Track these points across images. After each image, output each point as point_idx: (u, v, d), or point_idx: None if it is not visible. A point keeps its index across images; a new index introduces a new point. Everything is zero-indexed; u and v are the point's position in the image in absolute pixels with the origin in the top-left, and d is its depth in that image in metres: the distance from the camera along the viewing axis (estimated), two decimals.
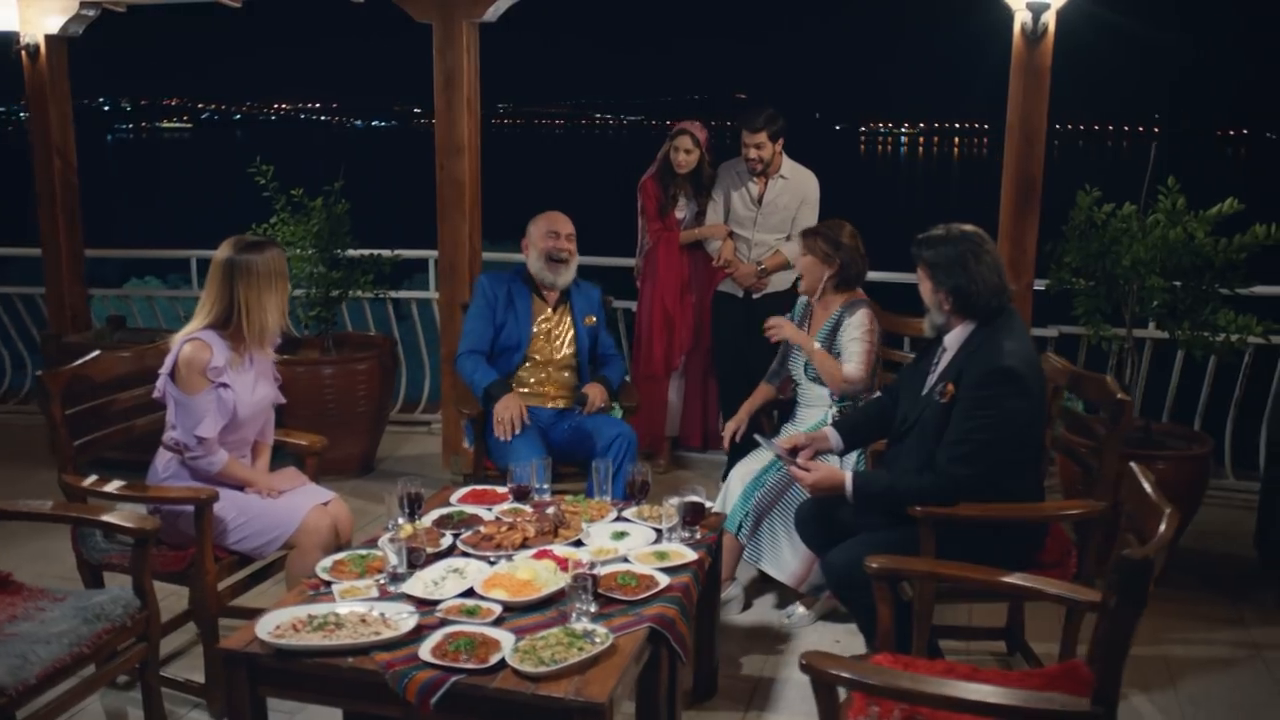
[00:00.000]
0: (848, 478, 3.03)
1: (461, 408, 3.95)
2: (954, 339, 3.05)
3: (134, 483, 3.17)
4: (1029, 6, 3.95)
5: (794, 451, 3.28)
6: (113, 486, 3.11)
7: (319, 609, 2.51)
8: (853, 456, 3.69)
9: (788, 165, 5.02)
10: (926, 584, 2.80)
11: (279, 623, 2.45)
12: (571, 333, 4.15)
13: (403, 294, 5.86)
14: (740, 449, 3.94)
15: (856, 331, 3.74)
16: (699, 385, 5.40)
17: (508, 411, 3.84)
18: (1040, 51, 4.06)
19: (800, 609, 3.76)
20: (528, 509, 3.18)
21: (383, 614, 2.49)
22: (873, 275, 4.92)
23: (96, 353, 3.36)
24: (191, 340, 3.16)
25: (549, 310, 4.13)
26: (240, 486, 3.23)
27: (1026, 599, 3.30)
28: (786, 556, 3.63)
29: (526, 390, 4.06)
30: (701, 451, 5.50)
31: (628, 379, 4.55)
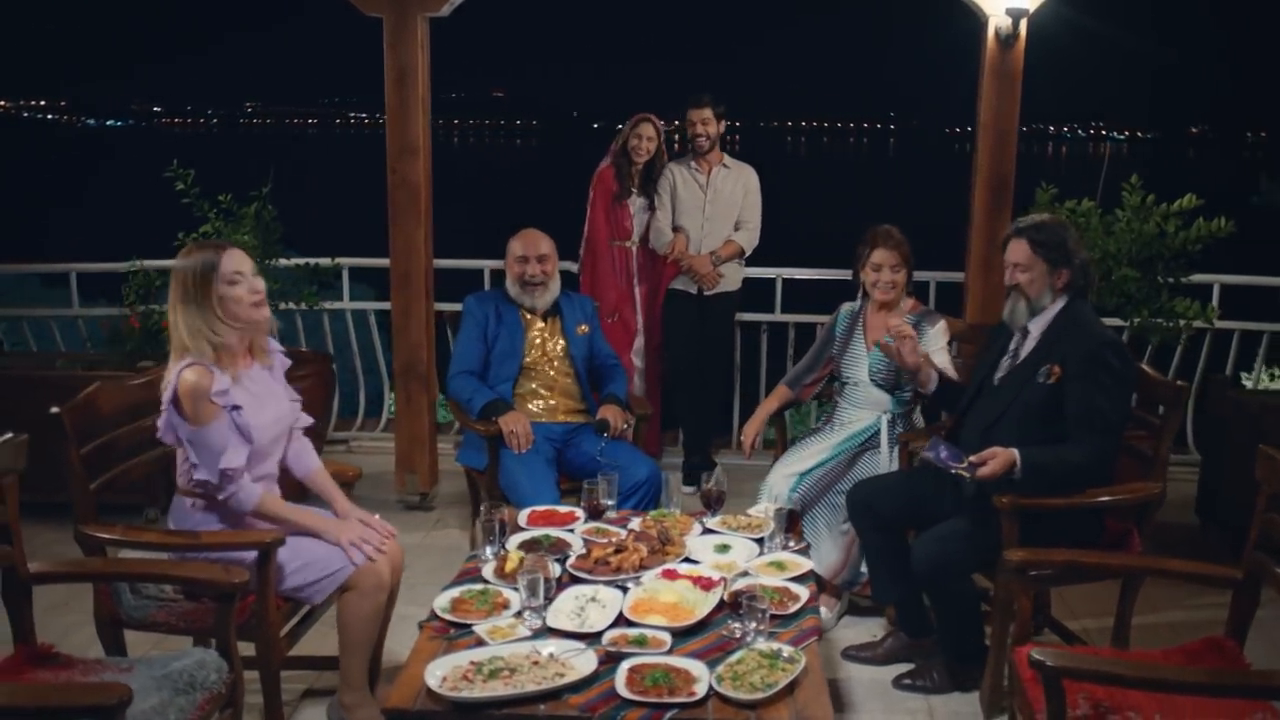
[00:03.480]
0: (1018, 454, 2.98)
1: (478, 425, 3.72)
2: (1038, 323, 3.14)
3: (174, 530, 2.80)
4: (1008, 12, 4.12)
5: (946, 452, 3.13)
6: (153, 535, 2.74)
7: (479, 654, 2.30)
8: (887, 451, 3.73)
9: (728, 159, 5.03)
10: (1015, 575, 2.87)
11: (445, 673, 2.23)
12: (564, 342, 3.98)
13: (350, 305, 5.43)
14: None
15: (942, 340, 3.75)
16: (655, 388, 5.30)
17: (519, 424, 3.70)
18: (1013, 55, 4.25)
19: (824, 610, 3.72)
20: (612, 528, 3.04)
21: (551, 654, 2.31)
22: None
23: (98, 383, 2.93)
24: (190, 366, 2.76)
25: (540, 322, 3.98)
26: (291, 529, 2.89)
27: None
28: (826, 549, 3.62)
29: (534, 408, 3.89)
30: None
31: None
